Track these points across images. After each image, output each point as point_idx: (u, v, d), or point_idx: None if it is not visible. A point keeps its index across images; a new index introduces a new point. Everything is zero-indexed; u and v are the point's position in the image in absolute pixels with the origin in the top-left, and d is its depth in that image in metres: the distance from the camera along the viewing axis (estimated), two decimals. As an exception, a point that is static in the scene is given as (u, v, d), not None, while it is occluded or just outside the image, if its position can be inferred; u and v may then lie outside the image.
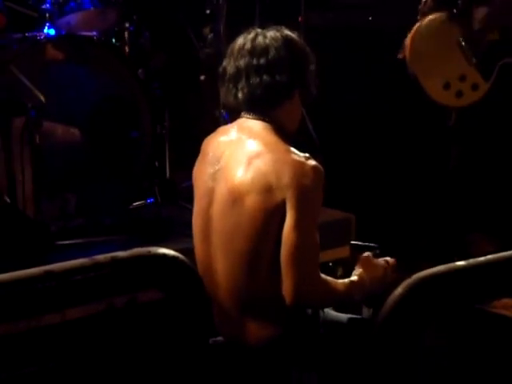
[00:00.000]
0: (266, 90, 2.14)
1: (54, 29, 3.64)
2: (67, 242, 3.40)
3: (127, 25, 4.00)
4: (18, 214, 3.36)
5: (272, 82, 2.13)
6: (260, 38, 2.16)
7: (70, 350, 2.94)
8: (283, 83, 2.13)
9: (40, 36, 3.56)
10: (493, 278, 1.35)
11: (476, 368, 3.02)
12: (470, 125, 3.57)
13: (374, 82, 4.31)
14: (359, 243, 3.44)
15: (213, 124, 4.27)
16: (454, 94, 3.36)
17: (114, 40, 3.93)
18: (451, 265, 1.31)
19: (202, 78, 4.64)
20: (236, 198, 2.09)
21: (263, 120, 2.16)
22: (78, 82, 3.62)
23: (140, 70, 3.84)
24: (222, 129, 2.34)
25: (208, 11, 4.30)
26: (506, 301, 3.43)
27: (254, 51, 2.15)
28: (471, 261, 1.32)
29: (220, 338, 2.21)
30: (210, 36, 4.49)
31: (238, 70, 2.17)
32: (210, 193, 2.17)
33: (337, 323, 2.26)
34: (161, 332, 2.61)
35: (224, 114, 4.18)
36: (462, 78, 3.35)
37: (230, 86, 2.19)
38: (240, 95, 2.17)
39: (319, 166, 2.09)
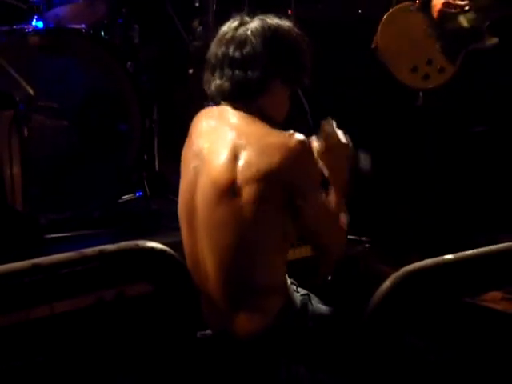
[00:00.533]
0: (236, 84, 2.12)
1: (43, 21, 3.62)
2: (56, 235, 3.39)
3: (116, 18, 3.99)
4: (6, 207, 3.35)
5: (242, 78, 2.11)
6: (241, 30, 2.15)
7: (60, 344, 2.95)
8: (254, 79, 2.11)
9: (28, 28, 3.54)
10: (480, 272, 1.35)
11: (465, 362, 3.03)
12: (436, 105, 3.74)
13: (364, 75, 4.32)
14: (350, 237, 3.44)
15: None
16: (421, 76, 3.54)
17: (102, 33, 3.91)
18: (439, 258, 1.32)
19: (191, 71, 4.63)
20: (222, 192, 2.07)
21: (241, 110, 2.14)
22: (67, 74, 3.60)
23: (129, 63, 3.83)
24: (206, 111, 2.29)
25: (197, 4, 4.29)
26: (495, 294, 3.45)
27: (232, 42, 2.14)
28: (459, 254, 1.32)
29: (208, 331, 2.21)
30: (199, 29, 4.48)
31: (216, 58, 2.16)
32: (193, 186, 2.16)
33: (325, 317, 2.26)
34: (149, 325, 2.61)
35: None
36: (429, 62, 3.53)
37: (208, 73, 2.18)
38: (213, 85, 2.17)
39: (303, 138, 2.08)
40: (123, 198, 3.78)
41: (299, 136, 2.09)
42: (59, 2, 3.77)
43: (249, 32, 2.14)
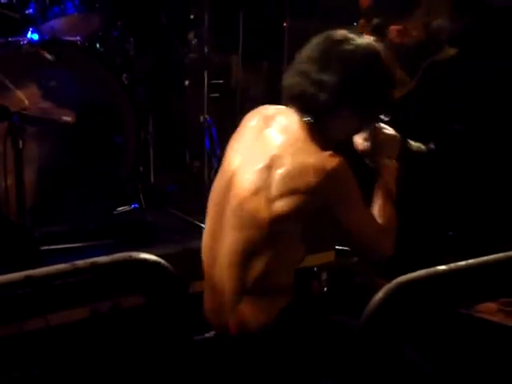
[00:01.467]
0: (303, 97, 2.15)
1: (38, 33, 3.62)
2: (51, 247, 3.38)
3: (111, 30, 4.00)
4: (1, 219, 3.34)
5: (312, 95, 2.13)
6: (337, 48, 2.14)
7: (55, 356, 2.93)
8: (322, 102, 2.13)
9: (23, 41, 3.54)
10: (474, 283, 1.35)
11: (461, 374, 3.03)
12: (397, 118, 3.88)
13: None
14: (344, 248, 3.44)
15: (197, 129, 4.28)
16: None
17: (98, 45, 3.92)
18: (432, 269, 1.32)
19: (187, 83, 4.64)
20: (252, 195, 2.10)
21: (299, 120, 2.17)
22: (62, 87, 3.60)
23: (124, 75, 3.83)
24: (264, 108, 2.30)
25: (192, 16, 4.30)
26: (491, 306, 3.45)
27: (321, 58, 2.14)
28: (452, 265, 1.32)
29: (207, 334, 2.22)
30: (194, 41, 4.49)
31: (301, 60, 2.18)
32: (230, 179, 2.18)
33: (327, 324, 2.27)
34: (145, 337, 2.61)
35: (208, 119, 4.18)
36: None
37: (290, 69, 2.20)
38: (286, 81, 2.20)
39: (341, 160, 2.09)
40: (118, 209, 3.77)
41: (337, 158, 2.09)
42: (54, 15, 3.77)
43: (342, 54, 2.13)
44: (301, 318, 2.21)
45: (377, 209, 2.26)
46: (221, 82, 4.76)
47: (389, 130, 2.37)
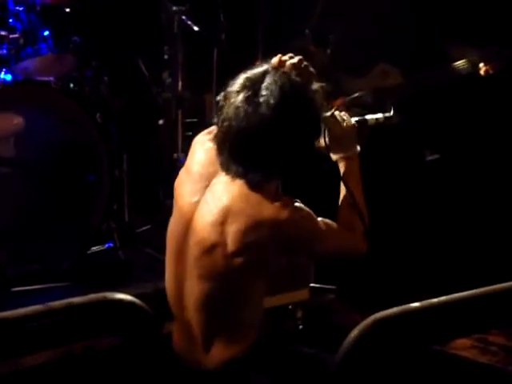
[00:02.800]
0: (237, 173, 2.13)
1: (11, 74, 3.63)
2: (23, 288, 3.35)
3: (85, 70, 4.02)
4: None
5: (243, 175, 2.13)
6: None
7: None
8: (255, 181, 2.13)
9: (-4, 81, 3.55)
10: (447, 319, 1.36)
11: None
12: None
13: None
14: (318, 286, 3.45)
15: (171, 168, 4.29)
16: None
17: (71, 85, 3.93)
18: (405, 306, 1.33)
19: (161, 122, 4.65)
20: (209, 248, 2.10)
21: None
22: (36, 126, 3.60)
23: (98, 114, 3.84)
24: (206, 140, 2.24)
25: (166, 56, 4.33)
26: (464, 342, 3.46)
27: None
28: (425, 302, 1.34)
29: None
30: (168, 80, 4.51)
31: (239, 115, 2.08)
32: (188, 227, 2.16)
33: (299, 356, 2.27)
34: (120, 377, 2.58)
35: (182, 157, 4.19)
36: None
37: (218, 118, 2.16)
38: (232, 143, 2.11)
39: (292, 206, 2.08)
40: (92, 249, 3.75)
41: (287, 205, 2.08)
42: (27, 55, 3.77)
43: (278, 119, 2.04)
44: (272, 352, 2.21)
45: (342, 212, 2.26)
46: (195, 120, 4.78)
47: (343, 119, 2.29)
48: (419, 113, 4.04)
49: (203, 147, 2.22)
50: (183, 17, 4.14)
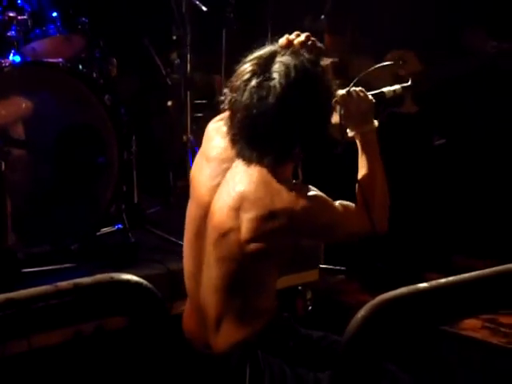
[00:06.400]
0: (251, 150, 2.09)
1: (20, 56, 3.62)
2: (34, 269, 3.36)
3: (94, 51, 4.01)
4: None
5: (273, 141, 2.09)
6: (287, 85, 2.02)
7: (38, 380, 2.90)
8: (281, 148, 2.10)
9: (5, 63, 3.54)
10: (455, 300, 1.36)
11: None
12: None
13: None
14: (328, 267, 3.44)
15: (180, 149, 4.29)
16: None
17: (80, 66, 3.92)
18: (413, 286, 1.32)
19: (170, 103, 4.65)
20: (226, 232, 2.10)
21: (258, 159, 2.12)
22: (44, 108, 3.60)
23: (107, 96, 3.84)
24: (222, 124, 2.20)
25: (174, 37, 4.32)
26: (475, 322, 3.46)
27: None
28: (433, 282, 1.33)
29: None
30: (176, 61, 4.50)
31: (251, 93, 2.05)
32: (206, 210, 2.16)
33: (308, 339, 2.27)
34: (129, 358, 2.60)
35: (191, 138, 4.19)
36: None
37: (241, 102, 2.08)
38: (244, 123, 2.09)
39: (307, 195, 2.07)
40: (102, 230, 3.76)
41: (303, 194, 2.06)
42: (36, 37, 3.77)
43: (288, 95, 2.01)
44: (282, 334, 2.22)
45: (364, 187, 2.21)
46: (204, 101, 4.77)
47: (358, 93, 2.25)
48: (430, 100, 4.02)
49: (219, 132, 2.21)
50: (192, -3, 4.12)
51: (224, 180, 2.14)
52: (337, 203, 2.15)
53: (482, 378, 3.12)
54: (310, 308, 3.67)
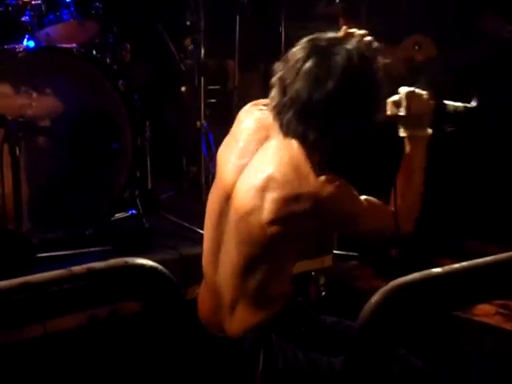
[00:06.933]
0: (294, 132, 2.09)
1: (34, 41, 3.63)
2: (49, 254, 3.38)
3: (107, 36, 4.01)
4: (-2, 227, 3.35)
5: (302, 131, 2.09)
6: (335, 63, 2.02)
7: (54, 364, 2.93)
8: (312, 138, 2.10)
9: (19, 48, 3.55)
10: (469, 285, 1.36)
11: (455, 376, 3.03)
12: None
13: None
14: (341, 252, 3.43)
15: (194, 135, 4.29)
16: None
17: (94, 52, 3.93)
18: (427, 272, 1.32)
19: (183, 89, 4.65)
20: (250, 213, 2.10)
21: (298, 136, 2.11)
22: (59, 94, 3.61)
23: (121, 82, 3.84)
24: (256, 108, 2.23)
25: (188, 23, 4.31)
26: (488, 308, 3.46)
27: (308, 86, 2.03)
28: (446, 268, 1.33)
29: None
30: (190, 47, 4.50)
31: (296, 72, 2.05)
32: (229, 192, 2.17)
33: (322, 325, 2.27)
34: (143, 343, 2.61)
35: (205, 124, 4.19)
36: None
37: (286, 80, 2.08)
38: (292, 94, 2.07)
39: (335, 182, 2.06)
40: (116, 216, 3.77)
41: (331, 181, 2.06)
42: (50, 22, 3.77)
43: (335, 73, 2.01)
44: (296, 319, 2.23)
45: (399, 187, 2.20)
46: (218, 87, 4.76)
47: (422, 95, 2.24)
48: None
49: (251, 116, 2.23)
50: (205, -18, 4.11)
51: (251, 161, 2.15)
52: (363, 197, 2.15)
53: (495, 364, 3.12)
54: (323, 293, 3.67)
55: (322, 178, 2.06)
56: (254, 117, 2.22)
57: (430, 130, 2.26)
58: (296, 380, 2.15)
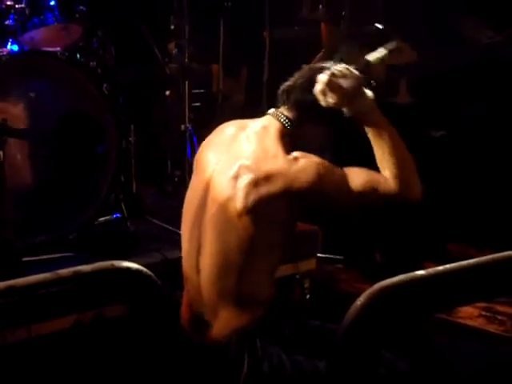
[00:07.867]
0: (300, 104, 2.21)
1: (18, 44, 3.62)
2: (33, 258, 3.37)
3: (91, 40, 4.00)
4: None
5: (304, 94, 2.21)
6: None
7: (38, 368, 2.92)
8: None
9: (3, 52, 3.54)
10: (452, 287, 1.37)
11: (439, 379, 3.05)
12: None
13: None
14: (326, 256, 3.44)
15: (178, 139, 4.29)
16: None
17: (78, 55, 3.92)
18: (411, 274, 1.33)
19: (168, 92, 4.65)
20: (225, 206, 2.11)
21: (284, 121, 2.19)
22: (42, 98, 3.60)
23: (105, 85, 3.83)
24: (239, 121, 2.33)
25: (172, 27, 4.32)
26: (472, 311, 3.48)
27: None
28: (431, 270, 1.34)
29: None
30: (174, 51, 4.50)
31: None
32: (207, 185, 2.18)
33: (305, 328, 2.28)
34: (128, 346, 2.60)
35: (189, 128, 4.19)
36: None
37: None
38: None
39: (307, 159, 2.09)
40: (100, 219, 3.77)
41: (303, 157, 2.09)
42: (34, 26, 3.76)
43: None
44: (279, 323, 2.23)
45: (378, 159, 2.17)
46: (202, 91, 4.77)
47: (342, 71, 2.21)
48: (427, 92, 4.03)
49: (217, 133, 2.31)
50: (189, -14, 4.12)
51: (226, 155, 2.18)
52: (345, 168, 2.13)
53: (478, 366, 3.14)
54: (307, 297, 3.68)
55: (292, 155, 2.09)
56: (233, 124, 2.29)
57: (369, 94, 2.20)
58: (281, 383, 2.16)
